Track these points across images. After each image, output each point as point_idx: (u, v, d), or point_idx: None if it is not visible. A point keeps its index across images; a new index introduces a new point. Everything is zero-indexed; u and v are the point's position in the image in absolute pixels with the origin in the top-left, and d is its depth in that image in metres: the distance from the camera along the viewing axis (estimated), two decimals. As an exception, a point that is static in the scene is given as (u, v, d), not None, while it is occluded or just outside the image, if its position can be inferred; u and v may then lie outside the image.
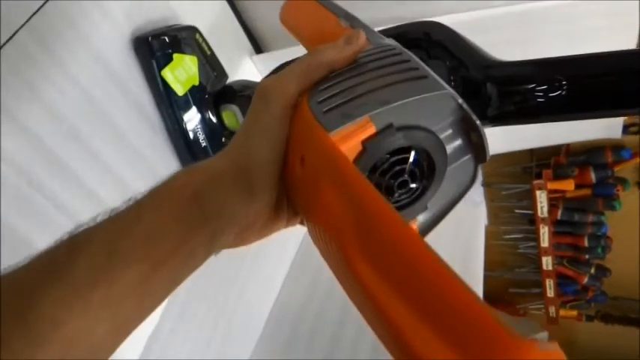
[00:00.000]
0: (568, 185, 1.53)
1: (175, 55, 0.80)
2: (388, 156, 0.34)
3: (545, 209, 1.56)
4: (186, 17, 0.90)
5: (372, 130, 0.32)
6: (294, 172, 0.34)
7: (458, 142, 0.36)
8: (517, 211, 1.72)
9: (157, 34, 0.79)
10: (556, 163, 1.58)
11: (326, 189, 0.30)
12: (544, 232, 1.60)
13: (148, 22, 0.82)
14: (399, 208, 0.37)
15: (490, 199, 1.73)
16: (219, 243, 0.33)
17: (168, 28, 0.82)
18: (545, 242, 1.62)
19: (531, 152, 1.60)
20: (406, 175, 0.34)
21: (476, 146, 0.36)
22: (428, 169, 0.36)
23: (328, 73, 0.36)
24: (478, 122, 0.34)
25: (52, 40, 0.66)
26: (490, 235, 1.65)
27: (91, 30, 0.72)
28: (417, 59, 0.36)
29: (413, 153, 0.34)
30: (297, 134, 0.34)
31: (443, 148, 0.35)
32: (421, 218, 0.38)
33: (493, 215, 1.77)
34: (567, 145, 1.57)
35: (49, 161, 0.65)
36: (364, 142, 0.32)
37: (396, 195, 0.35)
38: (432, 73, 0.34)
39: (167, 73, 0.79)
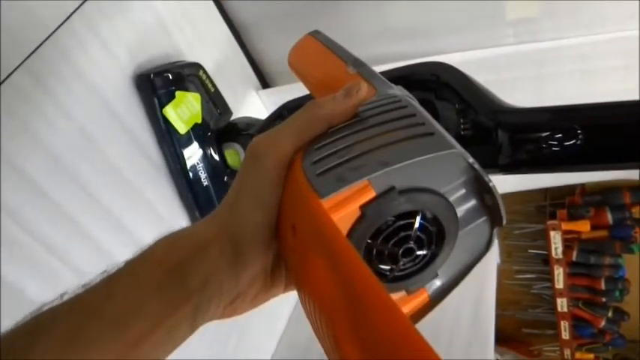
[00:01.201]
0: (583, 226, 1.48)
1: (178, 93, 0.79)
2: (392, 220, 0.31)
3: (560, 250, 1.51)
4: (192, 52, 0.89)
5: (371, 194, 0.29)
6: (285, 240, 0.31)
7: (470, 204, 0.32)
8: (531, 250, 1.67)
9: (160, 71, 0.77)
10: (571, 203, 1.54)
11: (316, 262, 0.27)
12: (559, 273, 1.55)
13: (151, 59, 0.81)
14: (406, 277, 0.33)
15: (503, 237, 1.69)
16: (205, 317, 0.30)
17: (171, 64, 0.81)
18: (560, 284, 1.56)
19: (545, 191, 1.56)
20: (412, 242, 0.31)
21: (490, 208, 0.32)
22: (437, 235, 0.32)
23: (327, 129, 0.33)
24: (491, 184, 0.31)
25: (49, 79, 0.65)
26: (503, 274, 1.61)
27: (91, 67, 0.70)
28: (423, 112, 0.33)
29: (418, 218, 0.31)
30: (289, 198, 0.32)
31: (453, 212, 0.32)
32: (431, 286, 0.35)
33: (506, 254, 1.72)
34: (582, 185, 1.52)
35: (42, 202, 0.62)
36: (363, 207, 0.29)
37: (401, 263, 0.32)
38: (439, 129, 0.31)
39: (169, 111, 0.77)
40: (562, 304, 1.65)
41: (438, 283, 0.35)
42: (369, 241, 0.31)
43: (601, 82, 0.87)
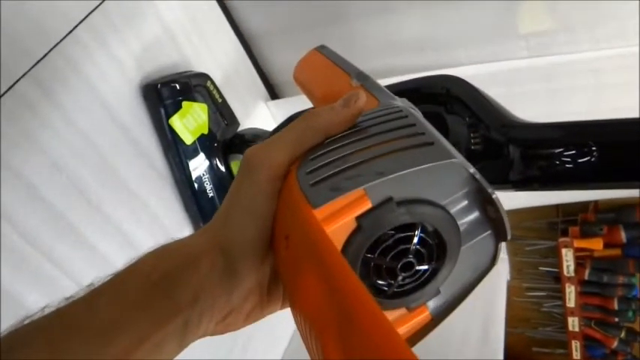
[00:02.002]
0: (596, 244, 1.44)
1: (185, 103, 0.78)
2: (391, 232, 0.29)
3: (572, 268, 1.47)
4: (200, 62, 0.89)
5: (367, 204, 0.28)
6: (279, 252, 0.30)
7: (472, 217, 0.31)
8: (541, 268, 1.64)
9: (167, 82, 0.77)
10: (583, 220, 1.50)
11: (306, 273, 0.26)
12: (570, 291, 1.51)
13: (159, 69, 0.80)
14: (406, 293, 0.32)
15: (513, 253, 1.66)
16: (196, 332, 0.29)
17: (178, 75, 0.80)
18: (571, 302, 1.53)
19: (557, 207, 1.53)
20: (411, 256, 0.30)
21: (495, 222, 0.31)
22: (438, 249, 0.31)
23: (323, 139, 0.32)
24: (495, 195, 0.29)
25: (55, 87, 0.64)
26: (512, 291, 1.58)
27: (97, 77, 0.70)
28: (424, 122, 0.32)
29: (418, 231, 0.29)
30: (283, 209, 0.30)
31: (454, 225, 0.30)
32: (433, 304, 0.33)
33: (516, 270, 1.69)
34: (595, 202, 1.49)
35: (44, 211, 0.62)
36: (359, 219, 0.28)
37: (400, 278, 0.31)
38: (440, 138, 0.29)
39: (175, 121, 0.76)
40: (573, 323, 1.61)
41: (440, 300, 0.33)
42: (366, 254, 0.29)
43: (615, 98, 0.85)
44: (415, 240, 0.29)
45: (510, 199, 1.28)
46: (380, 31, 0.96)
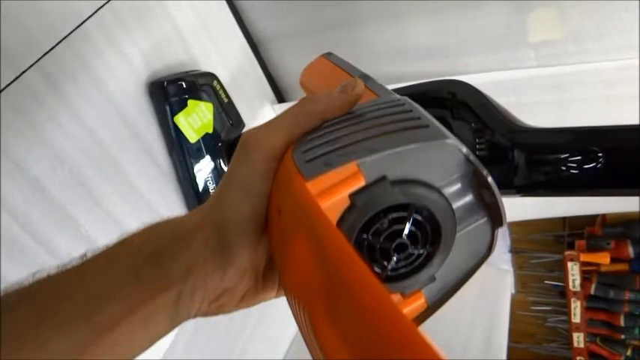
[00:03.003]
0: (603, 258, 1.43)
1: (190, 102, 0.78)
2: (384, 212, 0.29)
3: (578, 282, 1.46)
4: (208, 64, 0.89)
5: (360, 181, 0.27)
6: (271, 227, 0.30)
7: (467, 200, 0.30)
8: (547, 281, 1.62)
9: (174, 79, 0.77)
10: (590, 234, 1.49)
11: (297, 243, 0.25)
12: (576, 306, 1.49)
13: (166, 67, 0.80)
14: (399, 278, 0.31)
15: (518, 266, 1.64)
16: (189, 310, 0.29)
17: (185, 73, 0.80)
18: (576, 318, 1.51)
19: (564, 220, 1.52)
20: (405, 237, 0.29)
21: (490, 207, 0.30)
22: (433, 233, 0.30)
23: (320, 123, 0.32)
24: (490, 178, 0.29)
25: (61, 80, 0.65)
26: (517, 305, 1.56)
27: (104, 72, 0.70)
28: (421, 110, 0.32)
29: (411, 211, 0.29)
30: (277, 186, 0.31)
31: (449, 208, 0.30)
32: (429, 291, 0.33)
33: (521, 284, 1.67)
34: (603, 216, 1.48)
35: (45, 203, 0.62)
36: (352, 196, 0.28)
37: (394, 260, 0.30)
38: (436, 122, 0.29)
39: (180, 119, 0.76)
40: (578, 339, 1.59)
41: (435, 287, 0.33)
42: (360, 234, 0.29)
43: (625, 109, 0.84)
44: (409, 221, 0.29)
45: (517, 210, 1.27)
46: (389, 37, 0.96)
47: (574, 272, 1.45)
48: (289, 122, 0.32)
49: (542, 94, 0.90)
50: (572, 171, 0.48)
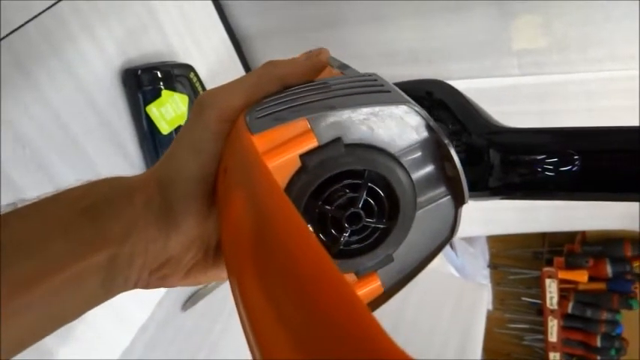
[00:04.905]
0: (581, 276, 1.42)
1: (164, 92, 0.76)
2: (339, 178, 0.27)
3: (555, 300, 1.45)
4: (187, 56, 0.86)
5: (312, 141, 0.26)
6: (218, 189, 0.28)
7: (427, 171, 0.28)
8: (524, 298, 1.61)
9: (149, 68, 0.75)
10: (569, 251, 1.48)
11: (235, 200, 0.23)
12: (552, 325, 1.48)
13: (142, 56, 0.78)
14: (352, 254, 0.29)
15: (496, 282, 1.63)
16: (125, 277, 0.27)
17: (161, 63, 0.78)
18: (553, 337, 1.50)
19: (543, 236, 1.51)
20: (359, 207, 0.27)
21: (452, 182, 0.29)
22: (391, 206, 0.28)
23: (282, 89, 0.30)
24: (453, 150, 0.27)
25: (28, 60, 0.62)
26: (493, 322, 1.54)
27: (75, 56, 0.68)
28: (389, 83, 0.30)
29: (367, 178, 0.27)
30: (226, 146, 0.29)
31: (408, 179, 0.28)
32: (385, 273, 0.30)
33: (498, 300, 1.66)
34: (583, 233, 1.47)
35: (6, 188, 0.59)
36: (303, 157, 0.26)
37: (347, 233, 0.28)
38: (399, 91, 0.28)
39: (152, 109, 0.74)
40: (555, 358, 1.57)
41: (392, 269, 0.30)
42: (311, 201, 0.27)
43: (608, 122, 0.83)
44: (364, 189, 0.27)
45: (495, 225, 1.25)
46: (373, 39, 0.94)
47: (552, 290, 1.44)
48: (248, 83, 0.30)
49: (525, 104, 0.89)
50: (547, 173, 0.46)
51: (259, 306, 0.17)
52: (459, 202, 0.29)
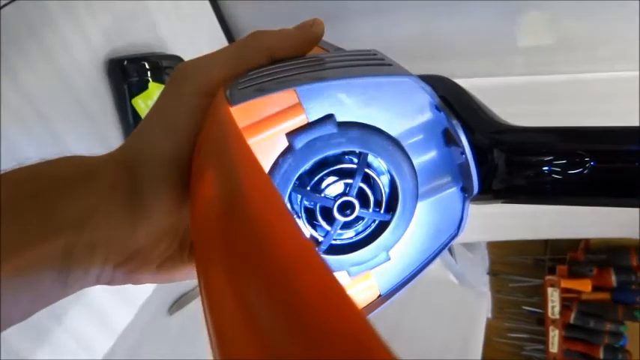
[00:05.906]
0: (584, 286, 1.38)
1: (151, 84, 0.72)
2: (327, 164, 0.24)
3: (557, 310, 1.41)
4: (177, 47, 0.83)
5: (301, 116, 0.22)
6: (192, 169, 0.24)
7: (431, 157, 0.25)
8: (525, 307, 1.57)
9: (135, 58, 0.71)
10: (572, 259, 1.45)
11: (206, 180, 0.20)
12: (554, 335, 1.44)
13: (129, 46, 0.74)
14: (346, 249, 0.25)
15: (496, 289, 1.59)
16: (85, 269, 0.23)
17: (150, 54, 0.74)
18: (554, 347, 1.46)
19: (546, 243, 1.47)
20: (352, 196, 0.24)
21: (460, 170, 0.25)
22: (389, 196, 0.25)
23: (267, 62, 0.26)
24: (461, 132, 0.24)
25: (5, 46, 0.59)
26: (492, 330, 1.51)
27: (56, 43, 0.64)
28: (390, 58, 0.26)
29: (363, 162, 0.24)
30: (204, 123, 0.25)
31: (409, 165, 0.24)
32: (381, 273, 0.26)
33: (498, 308, 1.62)
34: (587, 241, 1.43)
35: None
36: (290, 136, 0.22)
37: (337, 223, 0.24)
38: (399, 65, 0.24)
39: (139, 102, 0.70)
40: (555, 369, 1.53)
41: (388, 269, 0.26)
42: (298, 186, 0.24)
43: (619, 124, 0.80)
44: (359, 175, 0.24)
45: (496, 230, 1.22)
46: (372, 34, 0.91)
47: (554, 299, 1.40)
48: (231, 54, 0.26)
49: (530, 105, 0.86)
50: (555, 175, 0.43)
51: (225, 303, 0.14)
52: (467, 193, 0.26)
